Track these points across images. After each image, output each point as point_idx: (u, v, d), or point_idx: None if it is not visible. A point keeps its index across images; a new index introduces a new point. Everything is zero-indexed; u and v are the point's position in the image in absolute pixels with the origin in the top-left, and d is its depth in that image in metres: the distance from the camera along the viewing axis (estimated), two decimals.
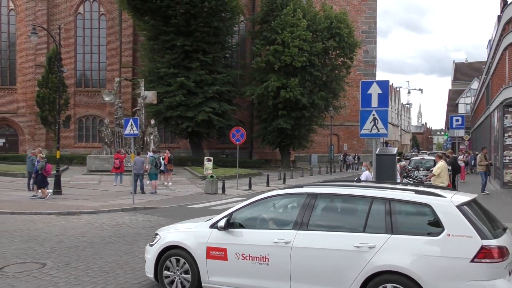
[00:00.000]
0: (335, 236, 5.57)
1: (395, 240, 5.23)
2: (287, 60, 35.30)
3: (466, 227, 5.03)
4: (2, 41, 45.21)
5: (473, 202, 5.69)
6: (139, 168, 19.68)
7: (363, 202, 5.72)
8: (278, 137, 38.39)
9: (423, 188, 6.05)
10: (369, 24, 51.53)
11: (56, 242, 10.37)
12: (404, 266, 5.07)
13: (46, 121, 37.36)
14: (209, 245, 6.30)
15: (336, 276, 5.43)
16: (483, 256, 4.88)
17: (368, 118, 10.96)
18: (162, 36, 36.08)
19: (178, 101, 34.79)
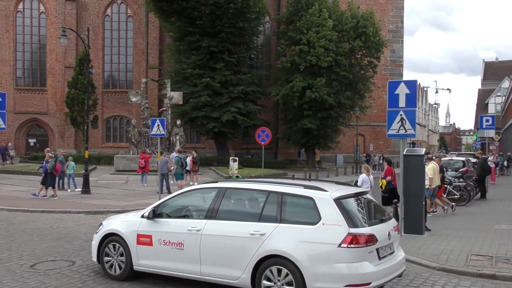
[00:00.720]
0: (236, 225, 6.46)
1: (281, 228, 6.11)
2: (313, 60, 35.14)
3: (337, 217, 5.89)
4: (33, 43, 46.33)
5: (357, 195, 6.56)
6: (164, 168, 19.88)
7: (261, 195, 6.62)
8: (304, 138, 38.24)
9: (312, 183, 6.77)
10: (396, 23, 50.87)
11: (85, 240, 10.55)
12: (285, 250, 5.94)
13: (75, 121, 38.12)
14: (139, 233, 7.21)
15: (235, 259, 6.31)
16: (349, 242, 5.72)
17: (395, 119, 10.87)
18: (188, 37, 36.38)
19: (204, 102, 35.01)
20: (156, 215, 7.17)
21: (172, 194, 7.58)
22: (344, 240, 5.75)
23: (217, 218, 6.67)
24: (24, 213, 14.52)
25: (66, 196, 18.56)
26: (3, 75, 45.37)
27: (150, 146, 30.59)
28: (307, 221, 6.06)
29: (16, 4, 45.68)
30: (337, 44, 35.94)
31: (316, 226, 5.94)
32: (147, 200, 17.61)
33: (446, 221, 13.64)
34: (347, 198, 6.31)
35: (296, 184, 6.69)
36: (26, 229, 11.79)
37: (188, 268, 6.73)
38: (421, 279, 7.90)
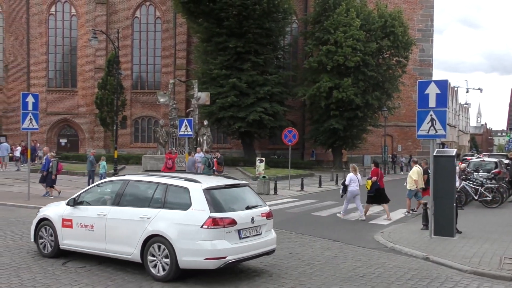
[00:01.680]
0: (131, 210, 7.87)
1: (163, 212, 7.51)
2: (340, 60, 34.88)
3: (203, 204, 7.27)
4: (64, 46, 47.36)
5: (228, 187, 8.02)
6: (191, 168, 20.02)
7: (152, 186, 8.02)
8: (330, 138, 37.98)
9: (191, 177, 8.11)
10: (426, 22, 50.00)
11: None
12: (163, 230, 7.34)
13: (105, 122, 38.76)
14: (63, 217, 8.65)
15: (129, 238, 7.70)
16: (209, 224, 7.08)
17: (425, 119, 10.70)
18: (215, 38, 36.59)
19: (230, 102, 35.15)
20: (77, 203, 8.65)
21: (89, 186, 9.36)
22: (206, 222, 7.10)
23: (119, 205, 8.10)
24: None
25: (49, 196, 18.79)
26: (36, 76, 46.50)
27: (178, 146, 30.87)
28: (182, 207, 7.43)
29: (49, 7, 46.77)
30: (364, 44, 35.58)
31: (187, 211, 7.35)
32: None
33: (478, 224, 13.34)
34: (216, 189, 7.67)
35: (180, 177, 8.14)
36: None
37: (97, 246, 8.15)
38: (452, 282, 7.75)
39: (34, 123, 16.69)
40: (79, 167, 29.64)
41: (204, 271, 7.57)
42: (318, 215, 15.12)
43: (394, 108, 40.71)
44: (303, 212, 15.68)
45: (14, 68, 45.96)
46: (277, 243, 10.42)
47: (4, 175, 26.65)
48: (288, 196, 20.25)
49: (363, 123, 38.75)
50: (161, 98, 32.16)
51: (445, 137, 11.28)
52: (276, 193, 20.64)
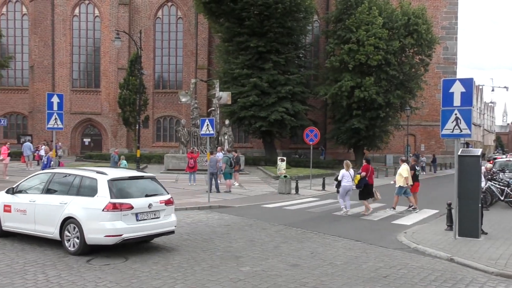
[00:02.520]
0: (54, 197, 9.56)
1: (76, 199, 9.19)
2: (362, 59, 34.60)
3: (106, 192, 8.96)
4: (88, 46, 48.07)
5: (132, 178, 9.78)
6: (213, 167, 20.10)
7: (71, 177, 9.73)
8: (352, 138, 37.70)
9: (102, 169, 9.90)
10: (450, 19, 49.23)
11: None
12: (75, 213, 9.01)
13: (127, 121, 39.20)
14: (4, 204, 10.25)
15: (52, 220, 9.32)
16: (108, 208, 8.73)
17: (449, 118, 10.55)
18: (236, 38, 36.69)
19: (252, 101, 35.21)
20: (15, 192, 10.21)
21: (26, 177, 10.68)
22: (106, 206, 8.74)
23: (47, 193, 9.76)
24: None
25: None
26: (61, 77, 47.32)
27: (199, 146, 31.04)
28: (91, 194, 9.11)
29: (73, 9, 47.52)
30: (387, 42, 35.21)
31: (94, 198, 9.02)
32: (197, 199, 17.89)
33: (504, 225, 13.09)
34: (119, 180, 9.38)
35: (92, 170, 9.95)
36: None
37: (29, 227, 9.74)
38: (477, 284, 7.63)
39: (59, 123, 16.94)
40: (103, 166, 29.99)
41: None
42: (340, 215, 15.03)
43: (417, 108, 40.15)
44: (325, 212, 15.61)
45: (40, 69, 46.85)
46: (299, 243, 10.42)
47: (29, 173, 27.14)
48: (309, 196, 20.18)
49: (385, 123, 38.29)
50: (183, 98, 32.38)
51: (470, 137, 11.09)
52: (298, 193, 20.59)
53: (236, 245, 10.18)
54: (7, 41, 47.88)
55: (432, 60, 40.85)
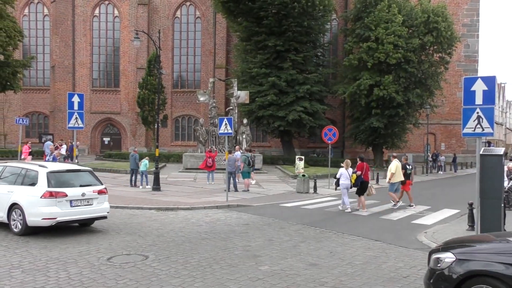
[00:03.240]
0: (4, 187, 11.20)
1: (20, 188, 10.90)
2: (381, 57, 34.28)
3: (44, 182, 10.65)
4: (108, 47, 48.56)
5: (69, 171, 11.48)
6: (232, 166, 20.15)
7: (19, 169, 11.44)
8: (370, 136, 37.41)
9: (43, 163, 12.13)
10: (471, 16, 48.47)
11: (157, 236, 10.94)
12: (19, 200, 10.67)
13: (146, 120, 39.50)
14: None
15: (1, 206, 11.01)
16: (45, 195, 10.40)
17: (471, 117, 10.39)
18: (254, 37, 36.69)
19: (270, 101, 35.18)
20: None
21: None
22: (43, 194, 10.42)
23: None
24: None
25: (138, 193, 19.28)
26: (81, 77, 47.91)
27: (218, 145, 31.15)
28: (33, 184, 10.80)
29: (93, 9, 48.06)
30: (406, 40, 34.82)
31: (35, 187, 10.69)
32: (215, 198, 17.96)
33: None
34: (57, 172, 11.06)
35: (36, 164, 11.93)
36: (103, 224, 12.37)
37: None
38: None
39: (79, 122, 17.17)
40: (122, 165, 30.37)
41: None
42: (358, 214, 14.95)
43: (436, 106, 39.58)
44: (343, 211, 15.52)
45: (60, 69, 47.49)
46: (318, 242, 10.39)
47: None
48: (327, 195, 20.10)
49: (404, 121, 37.90)
50: (201, 97, 32.51)
51: (492, 135, 10.91)
52: (316, 192, 20.52)
53: (255, 244, 10.19)
54: (29, 41, 48.65)
55: (453, 58, 40.26)
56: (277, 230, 11.95)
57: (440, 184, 27.62)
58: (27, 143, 27.07)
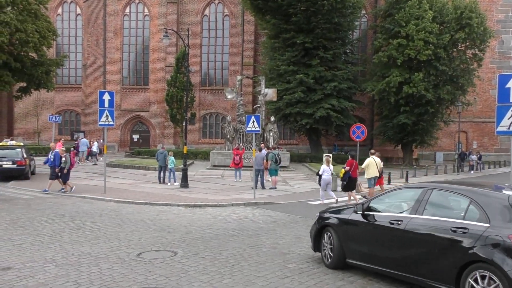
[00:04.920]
0: None
1: None
2: (411, 54, 33.70)
3: None
4: (137, 45, 49.26)
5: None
6: (259, 163, 20.16)
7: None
8: (399, 133, 36.86)
9: None
10: (506, 12, 47.19)
11: (185, 232, 11.03)
12: None
13: (174, 118, 39.88)
14: None
15: None
16: None
17: (506, 114, 10.15)
18: (282, 34, 36.58)
19: (297, 98, 35.05)
20: None
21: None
22: None
23: None
24: (130, 205, 15.49)
25: (166, 190, 19.49)
26: (112, 75, 48.74)
27: (245, 142, 31.22)
28: None
29: (124, 8, 48.81)
30: (437, 37, 34.13)
31: None
32: (243, 195, 18.00)
33: None
34: None
35: None
36: (132, 220, 12.57)
37: None
38: None
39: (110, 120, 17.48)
40: (151, 162, 30.74)
41: None
42: None
43: (469, 103, 38.62)
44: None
45: (92, 68, 48.45)
46: None
47: (83, 169, 28.17)
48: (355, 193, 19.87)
49: (434, 118, 37.16)
50: (229, 95, 32.64)
51: None
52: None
53: (283, 242, 10.18)
54: (62, 40, 49.76)
55: (486, 55, 39.30)
56: (304, 227, 11.90)
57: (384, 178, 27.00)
58: (60, 140, 27.67)
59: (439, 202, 6.77)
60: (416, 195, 7.04)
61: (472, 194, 6.34)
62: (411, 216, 6.82)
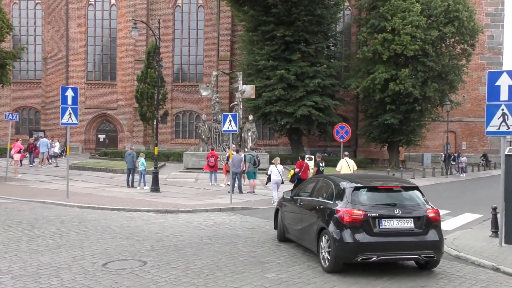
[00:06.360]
0: None
1: None
2: (397, 49, 34.11)
3: None
4: (103, 37, 48.68)
5: None
6: (237, 166, 20.14)
7: None
8: (384, 133, 37.29)
9: None
10: (495, 5, 48.23)
11: (156, 240, 10.96)
12: None
13: (145, 116, 39.58)
14: None
15: None
16: None
17: (495, 114, 10.39)
18: (261, 27, 36.63)
19: (278, 96, 35.14)
20: None
21: None
22: None
23: None
24: (95, 211, 15.30)
25: (135, 194, 19.32)
26: (75, 69, 48.08)
27: (221, 143, 31.16)
28: None
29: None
30: (425, 31, 34.61)
31: None
32: (218, 200, 17.97)
33: None
34: None
35: None
36: (98, 227, 12.42)
37: None
38: None
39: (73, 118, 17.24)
40: (118, 164, 30.44)
41: None
42: None
43: (458, 103, 39.22)
44: None
45: (53, 61, 47.70)
46: None
47: (43, 172, 27.71)
48: None
49: (421, 117, 37.67)
50: (204, 92, 32.55)
51: None
52: None
53: (261, 250, 10.20)
54: (20, 31, 48.82)
55: (476, 50, 40.02)
56: None
57: (460, 187, 27.52)
58: (18, 140, 27.16)
59: (321, 187, 9.76)
60: (314, 183, 10.29)
61: (334, 182, 9.32)
62: (307, 198, 10.03)
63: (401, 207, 8.48)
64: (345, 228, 8.18)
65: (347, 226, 8.19)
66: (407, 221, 8.34)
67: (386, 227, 8.26)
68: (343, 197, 8.63)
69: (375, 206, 8.43)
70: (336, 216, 8.36)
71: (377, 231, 8.19)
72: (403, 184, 9.18)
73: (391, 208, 8.42)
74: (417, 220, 8.37)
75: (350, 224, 8.18)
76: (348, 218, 8.20)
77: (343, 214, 8.27)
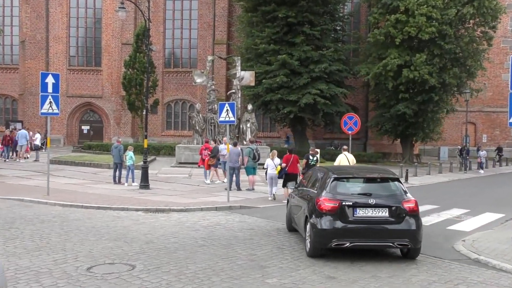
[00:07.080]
0: None
1: None
2: (412, 32, 33.95)
3: None
4: (87, 18, 48.46)
5: None
6: (234, 161, 20.13)
7: None
8: (398, 126, 37.18)
9: None
10: None
11: (145, 242, 10.97)
12: None
13: (133, 106, 39.46)
14: None
15: None
16: None
17: None
18: (262, 7, 36.52)
19: (280, 83, 35.08)
20: None
21: None
22: None
23: None
24: (78, 209, 15.31)
25: (122, 191, 19.33)
26: (56, 54, 47.91)
27: (217, 135, 31.13)
28: None
29: None
30: (442, 12, 34.46)
31: None
32: (214, 198, 17.98)
33: None
34: None
35: None
36: (81, 227, 12.43)
37: None
38: None
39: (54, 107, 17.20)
40: (104, 158, 30.46)
41: None
42: None
43: (478, 90, 39.14)
44: None
45: (32, 45, 47.57)
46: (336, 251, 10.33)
47: (21, 166, 27.71)
48: None
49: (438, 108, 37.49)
50: (198, 78, 32.49)
51: None
52: None
53: (261, 253, 10.22)
54: None
55: (497, 33, 39.90)
56: (287, 236, 11.96)
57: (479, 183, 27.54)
58: None
59: (314, 178, 11.22)
60: (311, 174, 12.05)
61: (322, 173, 10.85)
62: (303, 189, 11.67)
63: (376, 197, 9.72)
64: (323, 216, 9.59)
65: (324, 214, 9.61)
66: (382, 210, 9.58)
67: (360, 215, 9.55)
68: (325, 187, 10.03)
69: (351, 196, 9.83)
70: (316, 205, 9.77)
71: (352, 219, 9.51)
72: (382, 175, 10.56)
73: (366, 198, 9.70)
74: (392, 210, 9.57)
75: (327, 212, 9.58)
76: (325, 206, 9.62)
77: (321, 202, 9.70)
